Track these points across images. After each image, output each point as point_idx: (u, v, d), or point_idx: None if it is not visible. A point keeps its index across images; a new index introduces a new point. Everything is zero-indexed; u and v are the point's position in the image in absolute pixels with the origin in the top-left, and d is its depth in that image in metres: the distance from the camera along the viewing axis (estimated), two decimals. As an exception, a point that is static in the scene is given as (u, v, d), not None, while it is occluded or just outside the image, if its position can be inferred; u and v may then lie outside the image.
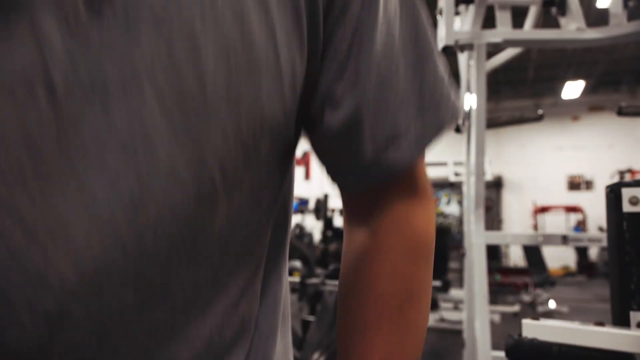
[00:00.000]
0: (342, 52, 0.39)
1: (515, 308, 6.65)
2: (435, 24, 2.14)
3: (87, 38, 0.30)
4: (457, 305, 6.42)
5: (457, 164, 6.04)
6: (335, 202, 6.87)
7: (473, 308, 1.88)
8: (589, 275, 11.22)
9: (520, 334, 0.82)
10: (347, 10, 0.39)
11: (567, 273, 11.76)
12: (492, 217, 12.84)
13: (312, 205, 7.28)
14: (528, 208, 12.91)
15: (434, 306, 5.70)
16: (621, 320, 0.87)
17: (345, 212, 0.49)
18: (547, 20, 2.48)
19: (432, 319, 5.56)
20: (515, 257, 12.07)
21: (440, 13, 2.05)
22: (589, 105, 12.91)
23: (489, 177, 6.21)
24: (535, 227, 12.35)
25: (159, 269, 0.35)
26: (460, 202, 9.26)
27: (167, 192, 0.33)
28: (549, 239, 1.93)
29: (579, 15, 2.01)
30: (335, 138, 0.42)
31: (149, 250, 0.34)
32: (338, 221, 7.12)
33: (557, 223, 12.11)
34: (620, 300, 0.88)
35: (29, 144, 0.30)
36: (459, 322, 4.86)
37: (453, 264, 7.69)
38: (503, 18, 2.07)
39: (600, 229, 10.63)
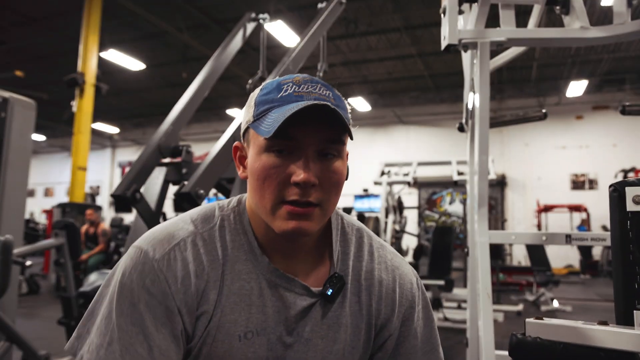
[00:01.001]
0: (387, 353, 0.86)
1: (519, 307, 6.63)
2: (439, 22, 2.13)
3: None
4: (460, 304, 6.42)
5: (460, 163, 6.04)
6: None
7: (476, 307, 1.88)
8: (593, 274, 11.19)
9: (523, 333, 0.82)
10: (391, 336, 0.86)
11: (570, 272, 11.73)
12: (496, 216, 12.81)
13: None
14: (532, 207, 12.88)
15: (438, 305, 5.69)
16: (625, 319, 0.87)
17: None
18: (550, 19, 2.47)
19: (436, 318, 5.55)
20: (519, 256, 12.05)
21: (444, 12, 2.04)
22: (592, 104, 12.86)
23: (492, 176, 6.19)
24: (539, 226, 12.31)
25: None
26: (463, 201, 9.24)
27: None
28: (553, 238, 1.92)
29: (583, 13, 2.00)
30: None
31: None
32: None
33: (560, 222, 12.08)
34: (624, 299, 0.88)
35: None
36: (463, 322, 4.85)
37: (456, 263, 7.68)
38: (507, 17, 2.06)
39: (604, 228, 10.60)
